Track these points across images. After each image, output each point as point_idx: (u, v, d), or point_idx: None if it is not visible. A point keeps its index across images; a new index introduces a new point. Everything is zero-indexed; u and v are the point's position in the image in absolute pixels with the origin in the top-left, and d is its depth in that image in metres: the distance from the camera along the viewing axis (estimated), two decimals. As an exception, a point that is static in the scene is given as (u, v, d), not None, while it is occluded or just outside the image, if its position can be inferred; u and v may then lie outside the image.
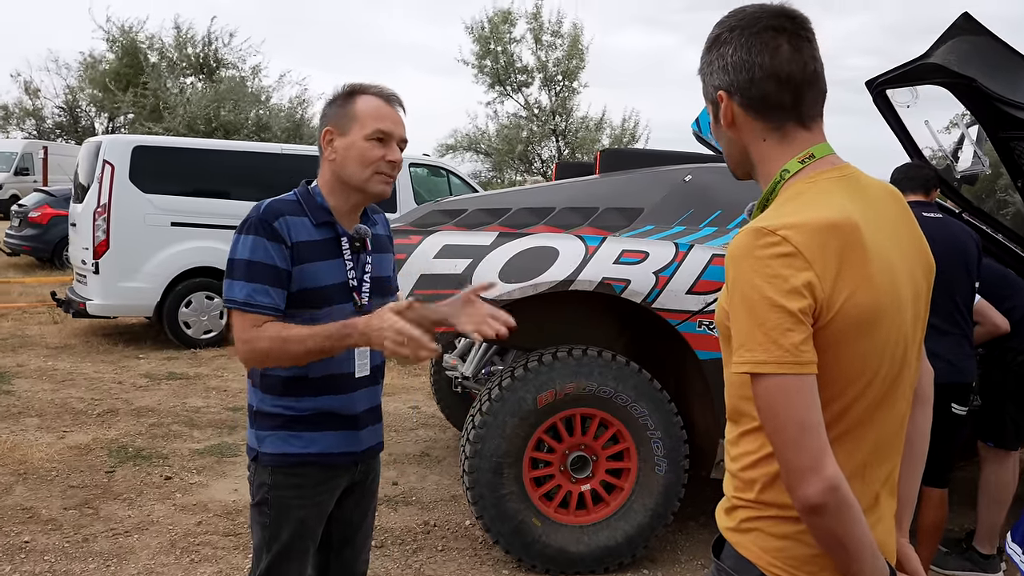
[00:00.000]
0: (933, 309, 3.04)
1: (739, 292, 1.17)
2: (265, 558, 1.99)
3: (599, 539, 3.45)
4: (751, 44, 1.25)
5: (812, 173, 1.26)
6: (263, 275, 1.84)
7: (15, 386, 6.14)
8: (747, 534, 1.29)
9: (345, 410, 1.99)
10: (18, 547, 3.50)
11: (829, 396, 1.18)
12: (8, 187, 21.76)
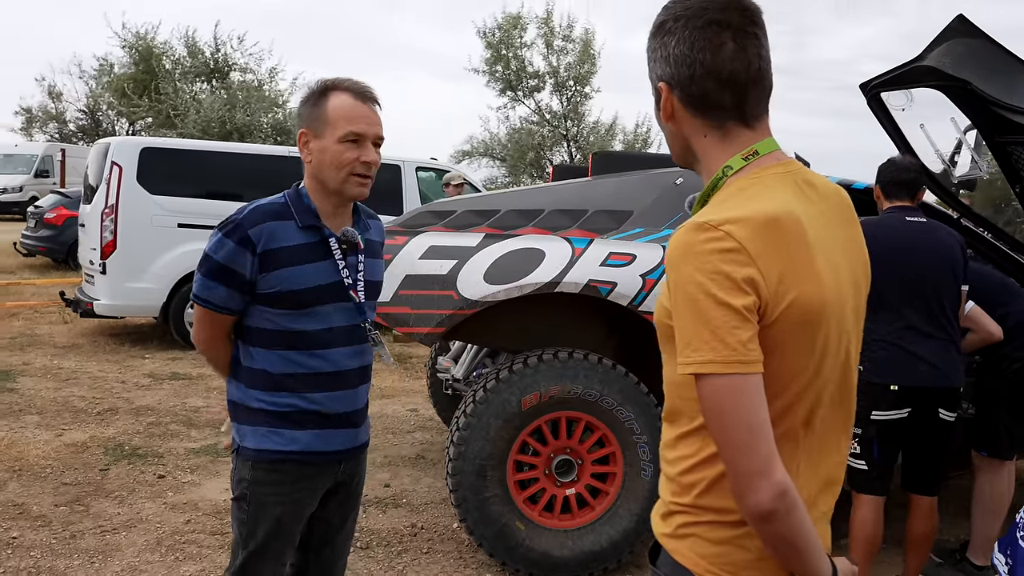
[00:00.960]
0: (918, 312, 3.01)
1: (681, 290, 1.13)
2: (241, 555, 2.00)
3: (584, 544, 3.42)
4: (694, 38, 1.20)
5: (756, 169, 1.22)
6: (220, 275, 1.90)
7: (19, 384, 6.20)
8: (684, 540, 1.25)
9: (329, 409, 1.99)
10: (5, 543, 3.52)
11: (772, 394, 1.14)
12: (28, 189, 22.07)
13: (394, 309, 3.38)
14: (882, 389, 3.03)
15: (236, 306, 1.94)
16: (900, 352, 3.04)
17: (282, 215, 1.94)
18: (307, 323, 1.94)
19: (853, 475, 3.15)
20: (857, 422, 3.11)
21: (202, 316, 1.97)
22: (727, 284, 1.10)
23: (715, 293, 1.10)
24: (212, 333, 2.00)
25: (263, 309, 1.94)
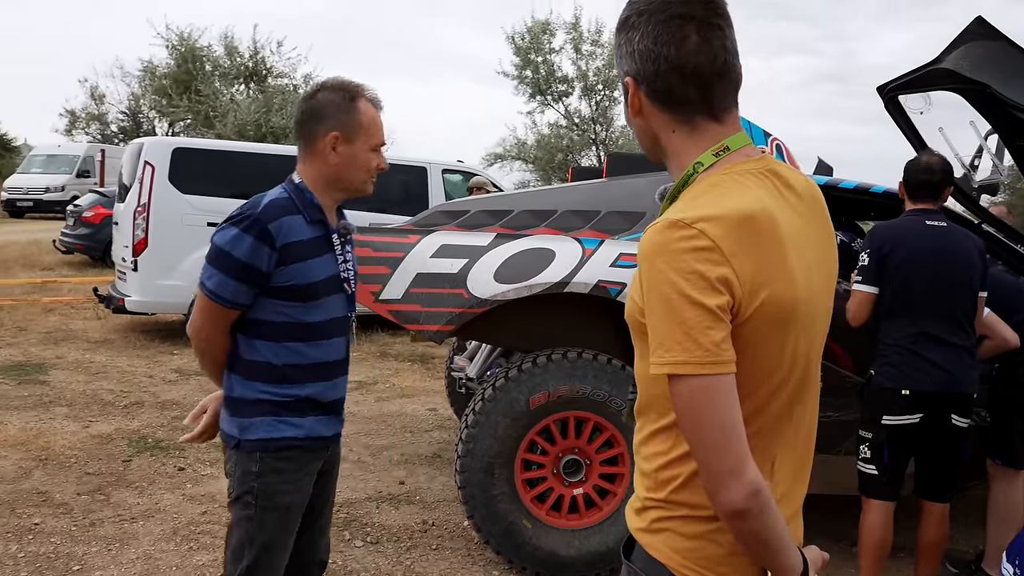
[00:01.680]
0: (934, 318, 2.98)
1: (655, 290, 1.11)
2: (248, 555, 2.00)
3: (591, 544, 3.43)
4: (658, 32, 1.19)
5: (727, 165, 1.21)
6: (238, 271, 1.92)
7: (51, 377, 6.37)
8: (658, 535, 1.25)
9: (326, 396, 2.07)
10: (28, 528, 3.63)
11: (745, 392, 1.14)
12: (70, 189, 22.60)
13: (405, 307, 3.43)
14: (893, 394, 3.00)
15: (247, 301, 1.96)
16: (913, 357, 3.00)
17: (291, 210, 1.98)
18: (315, 315, 2.01)
19: (863, 479, 3.12)
20: (867, 426, 3.09)
21: (210, 310, 1.98)
22: (701, 283, 1.09)
23: (689, 293, 1.09)
24: (217, 327, 2.00)
25: (274, 302, 1.97)
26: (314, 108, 2.03)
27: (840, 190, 3.93)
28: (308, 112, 2.04)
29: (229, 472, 2.05)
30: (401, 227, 3.68)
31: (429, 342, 8.24)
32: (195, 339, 2.03)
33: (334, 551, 3.58)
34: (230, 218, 1.96)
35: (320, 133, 2.01)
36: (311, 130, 2.03)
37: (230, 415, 2.03)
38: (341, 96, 2.02)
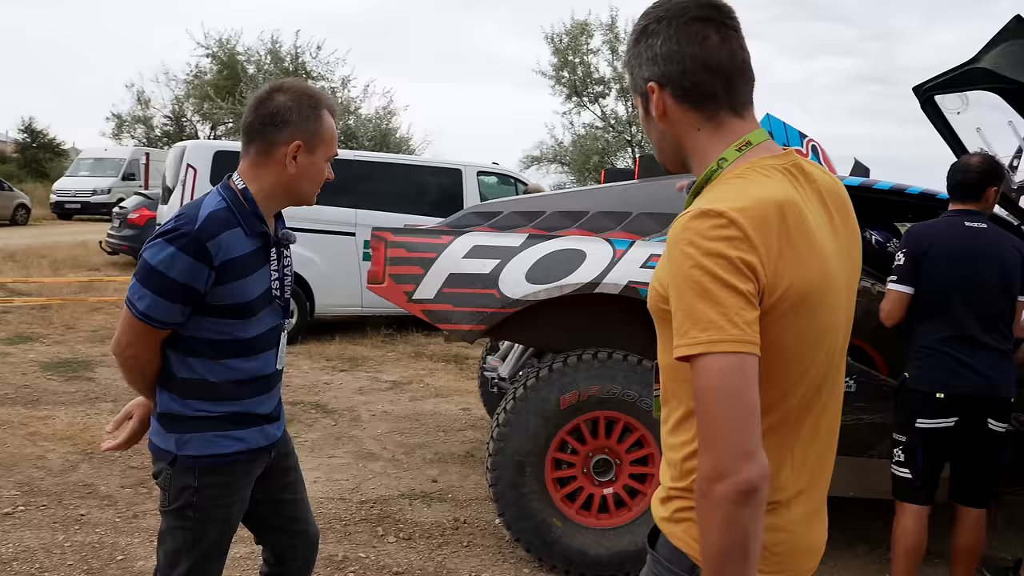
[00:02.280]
0: (971, 320, 2.94)
1: (686, 275, 1.13)
2: (185, 562, 1.95)
3: (621, 543, 3.44)
4: (680, 35, 1.25)
5: (751, 159, 1.25)
6: (173, 293, 1.82)
7: (97, 373, 6.56)
8: (679, 524, 1.28)
9: (265, 408, 2.02)
10: (74, 519, 3.75)
11: (768, 382, 1.15)
12: (116, 191, 23.17)
13: (437, 306, 3.48)
14: (927, 397, 2.97)
15: (181, 320, 1.87)
16: (949, 360, 2.97)
17: (230, 223, 1.87)
18: (252, 329, 1.95)
19: (897, 483, 3.10)
20: (901, 429, 3.06)
21: (139, 330, 1.86)
22: (732, 268, 1.11)
23: (722, 276, 1.11)
24: (145, 348, 1.89)
25: (210, 320, 1.89)
26: (275, 113, 1.91)
27: (875, 191, 3.89)
28: (267, 116, 1.91)
29: (162, 484, 1.96)
30: (434, 228, 3.74)
31: (463, 342, 8.29)
32: (120, 358, 1.91)
33: (366, 546, 3.66)
34: (164, 232, 1.83)
35: (281, 140, 1.90)
36: (270, 136, 1.91)
37: (165, 431, 1.94)
38: (304, 103, 1.92)
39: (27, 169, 34.49)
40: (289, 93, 1.93)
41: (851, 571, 3.67)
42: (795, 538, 1.27)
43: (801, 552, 1.29)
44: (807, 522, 1.29)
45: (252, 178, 1.94)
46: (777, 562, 1.24)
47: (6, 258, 13.82)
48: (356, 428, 5.51)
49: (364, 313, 8.65)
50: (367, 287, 3.73)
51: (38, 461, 4.47)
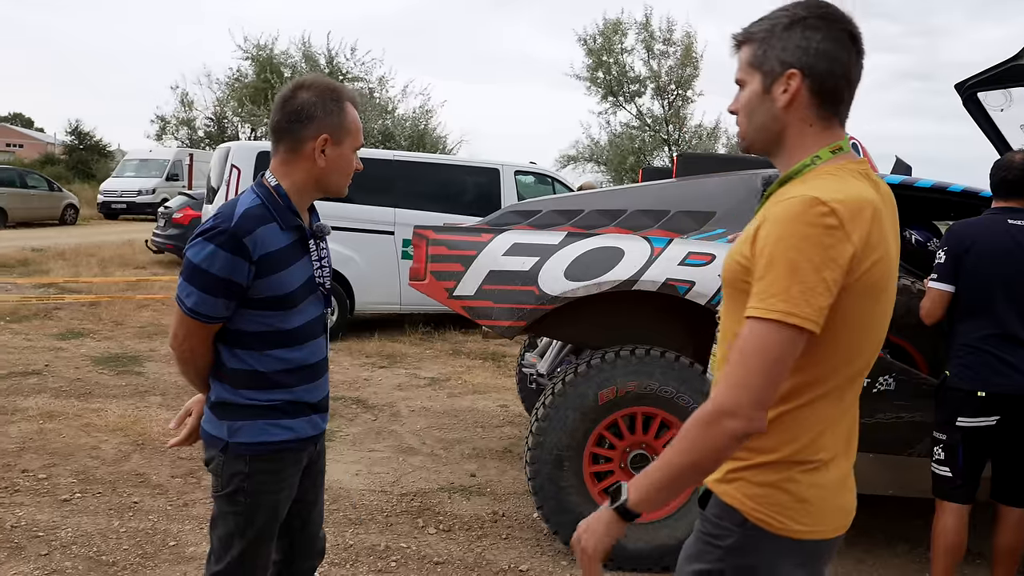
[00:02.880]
0: (1013, 318, 2.93)
1: (783, 250, 1.28)
2: (238, 544, 2.04)
3: (659, 537, 3.48)
4: (839, 41, 1.38)
5: (840, 162, 1.40)
6: (217, 288, 1.90)
7: (146, 368, 6.76)
8: (732, 483, 1.42)
9: (314, 397, 2.09)
10: (128, 506, 3.90)
11: (830, 351, 1.34)
12: (160, 192, 23.72)
13: (477, 303, 3.55)
14: (968, 395, 2.97)
15: (228, 313, 1.95)
16: (991, 358, 2.96)
17: (265, 218, 1.94)
18: (295, 320, 2.01)
19: (937, 481, 3.09)
20: (942, 428, 3.06)
21: (190, 326, 1.96)
22: (824, 255, 1.27)
23: (816, 260, 1.26)
24: (199, 342, 1.99)
25: (254, 312, 1.97)
26: (300, 110, 1.97)
27: (916, 189, 3.88)
28: (293, 114, 1.98)
29: (214, 470, 2.05)
30: (474, 226, 3.81)
31: (501, 340, 8.35)
32: (177, 352, 2.03)
33: (407, 537, 3.74)
34: (203, 231, 1.91)
35: (308, 135, 1.97)
36: (298, 132, 1.98)
37: (217, 419, 2.03)
38: (327, 97, 1.99)
39: (75, 170, 35.44)
40: (312, 89, 2.00)
41: (891, 570, 3.66)
42: (832, 496, 1.42)
43: (836, 510, 1.43)
44: (841, 485, 1.43)
45: (284, 174, 2.01)
46: (817, 516, 1.39)
47: (56, 257, 14.24)
48: (396, 423, 5.61)
49: (403, 311, 8.77)
50: (409, 284, 3.82)
51: (92, 451, 4.64)
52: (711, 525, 1.44)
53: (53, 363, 6.71)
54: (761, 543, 1.39)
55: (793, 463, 1.38)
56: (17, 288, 10.76)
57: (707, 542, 1.45)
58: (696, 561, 1.47)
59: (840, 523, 1.44)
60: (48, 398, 5.67)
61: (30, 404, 5.49)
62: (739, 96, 1.48)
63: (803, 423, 1.38)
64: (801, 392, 1.37)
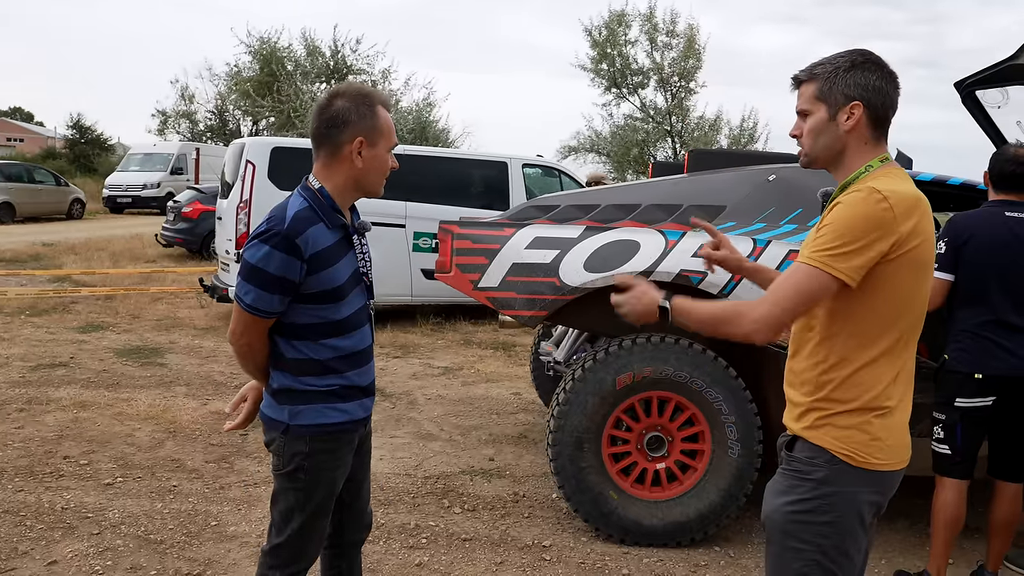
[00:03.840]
0: (1009, 306, 3.13)
1: (840, 220, 1.70)
2: (298, 518, 2.22)
3: (672, 515, 3.68)
4: (886, 80, 1.80)
5: (887, 169, 1.80)
6: (273, 285, 2.07)
7: (167, 360, 6.95)
8: (820, 429, 1.81)
9: (364, 380, 2.29)
10: (167, 489, 4.10)
11: (888, 304, 1.74)
12: (165, 185, 23.88)
13: (501, 294, 3.74)
14: (966, 377, 3.16)
15: (283, 308, 2.12)
16: (987, 343, 3.15)
17: (313, 219, 2.10)
18: (344, 311, 2.18)
19: (937, 459, 3.28)
20: (941, 408, 3.25)
21: (249, 322, 2.12)
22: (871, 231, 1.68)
23: (861, 230, 1.68)
24: (256, 336, 2.16)
25: (307, 306, 2.13)
26: (336, 116, 2.12)
27: (917, 182, 4.05)
28: (330, 120, 2.12)
29: (275, 450, 2.22)
30: (497, 221, 3.99)
31: (510, 330, 8.54)
32: (236, 345, 2.18)
33: (435, 516, 3.94)
34: (259, 234, 2.07)
35: (345, 140, 2.12)
36: (335, 138, 2.12)
37: (278, 404, 2.20)
38: (360, 103, 2.13)
39: (76, 164, 35.57)
40: (346, 97, 2.14)
41: (893, 544, 3.87)
42: (899, 435, 1.81)
43: (902, 446, 1.82)
44: (904, 426, 1.83)
45: (325, 177, 2.16)
46: (889, 452, 1.79)
47: (67, 251, 14.43)
48: (413, 411, 5.81)
49: (414, 302, 8.95)
50: (436, 276, 4.00)
51: (128, 438, 4.84)
52: (801, 464, 1.82)
53: (78, 355, 6.91)
54: (846, 475, 1.77)
55: (868, 410, 1.76)
56: (32, 282, 10.94)
57: (798, 477, 1.82)
58: (788, 494, 1.83)
59: (904, 457, 1.82)
60: (78, 389, 5.87)
61: (62, 394, 5.69)
62: (802, 123, 1.86)
63: (873, 378, 1.76)
64: (867, 350, 1.76)
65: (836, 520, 1.78)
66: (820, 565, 1.79)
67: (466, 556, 3.55)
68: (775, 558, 1.87)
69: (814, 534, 1.79)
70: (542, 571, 3.44)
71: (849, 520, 1.79)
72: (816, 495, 1.79)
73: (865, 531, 1.83)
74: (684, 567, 3.53)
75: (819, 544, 1.79)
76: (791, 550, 1.82)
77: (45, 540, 3.48)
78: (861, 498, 1.79)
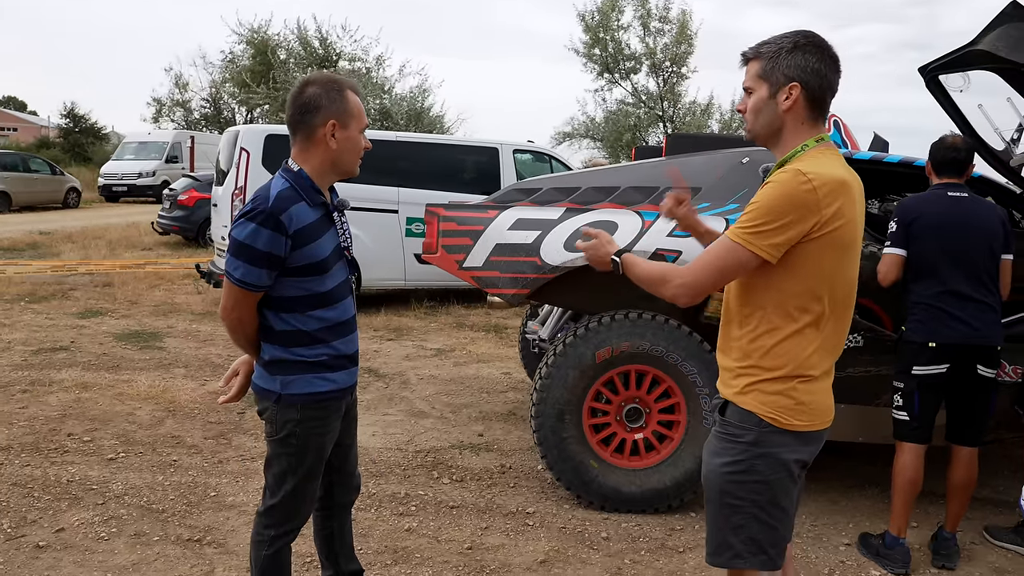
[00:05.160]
0: (959, 277, 3.35)
1: (765, 199, 1.84)
2: (291, 481, 2.38)
3: (650, 482, 3.87)
4: (826, 62, 1.90)
5: (822, 148, 1.92)
6: (261, 260, 2.21)
7: (166, 343, 7.12)
8: (748, 394, 1.96)
9: (349, 349, 2.45)
10: (168, 464, 4.28)
11: (811, 280, 1.88)
12: (160, 174, 23.98)
13: (485, 273, 3.91)
14: (921, 346, 3.35)
15: (270, 282, 2.26)
16: (940, 313, 3.35)
17: (295, 199, 2.24)
18: (328, 283, 2.34)
19: (896, 425, 3.47)
20: (900, 377, 3.45)
21: (240, 296, 2.26)
22: (793, 211, 1.80)
23: (782, 211, 1.80)
24: (246, 310, 2.30)
25: (293, 280, 2.28)
26: (308, 102, 2.26)
27: (886, 164, 4.23)
28: (303, 107, 2.27)
29: (268, 418, 2.38)
30: (481, 203, 4.16)
31: (502, 313, 8.71)
32: (228, 320, 2.32)
33: (424, 486, 4.13)
34: (245, 213, 2.21)
35: (318, 123, 2.26)
36: (308, 122, 2.27)
37: (270, 375, 2.34)
38: (330, 88, 2.27)
39: (71, 153, 35.55)
40: (316, 84, 2.30)
41: (862, 508, 4.06)
42: (822, 400, 1.97)
43: (825, 410, 1.98)
44: (827, 391, 1.99)
45: (303, 160, 2.31)
46: (811, 415, 1.94)
47: (64, 240, 14.56)
48: (406, 390, 5.99)
49: (407, 286, 9.12)
50: (422, 257, 4.17)
51: (129, 417, 5.01)
52: (733, 427, 1.97)
53: (78, 340, 7.08)
54: (774, 437, 1.93)
55: (792, 377, 1.91)
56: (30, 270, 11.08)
57: (729, 439, 1.98)
58: (722, 455, 1.99)
59: (828, 418, 1.99)
60: (79, 371, 6.04)
61: (64, 376, 5.86)
62: (746, 99, 1.97)
63: (798, 348, 1.91)
64: (792, 322, 1.90)
65: (767, 478, 1.95)
66: (756, 518, 1.97)
67: (453, 522, 3.73)
68: (714, 515, 2.03)
69: (748, 491, 1.96)
70: (525, 535, 3.62)
71: (779, 477, 1.95)
72: (747, 456, 1.94)
73: (795, 484, 2.01)
74: (661, 531, 3.71)
75: (753, 500, 1.96)
76: (728, 507, 1.99)
77: (52, 510, 3.66)
78: (788, 457, 1.95)
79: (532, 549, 3.48)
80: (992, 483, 4.34)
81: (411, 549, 3.44)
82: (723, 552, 2.01)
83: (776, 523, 1.98)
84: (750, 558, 1.98)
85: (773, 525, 1.98)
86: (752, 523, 1.97)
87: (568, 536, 3.64)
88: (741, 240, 1.84)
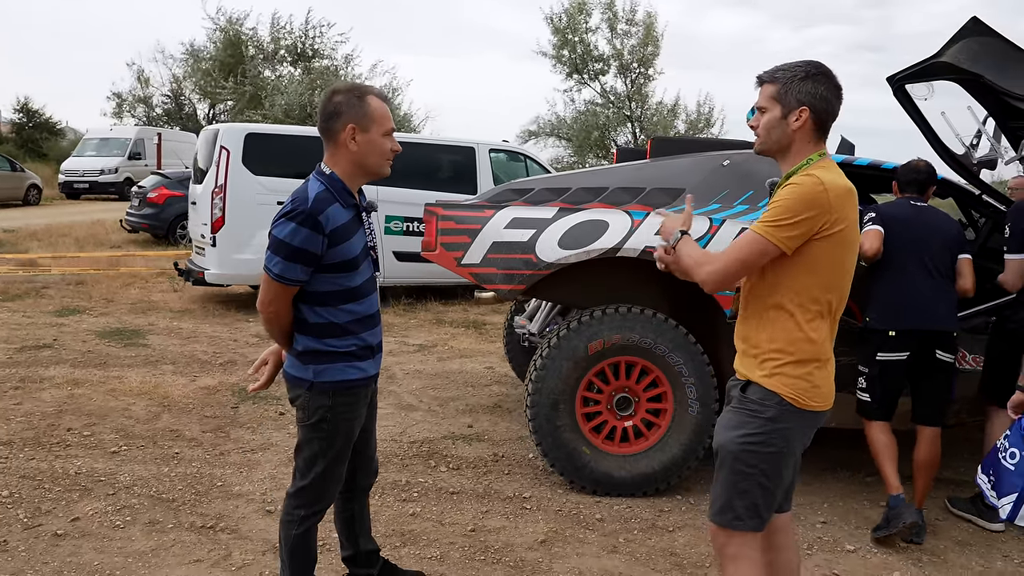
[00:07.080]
0: (917, 272, 3.71)
1: (785, 199, 2.10)
2: (320, 463, 2.55)
3: (639, 467, 4.09)
4: (831, 90, 2.17)
5: (825, 162, 2.19)
6: (299, 257, 2.38)
7: (150, 341, 7.17)
8: (773, 377, 2.21)
9: (375, 340, 2.63)
10: (170, 456, 4.39)
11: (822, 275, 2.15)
12: (123, 171, 23.63)
13: (483, 270, 4.10)
14: (883, 335, 3.70)
15: (306, 278, 2.42)
16: (900, 303, 3.69)
17: (331, 200, 2.40)
18: (357, 279, 2.51)
19: (860, 405, 3.85)
20: (864, 363, 3.79)
21: (277, 290, 2.43)
22: (809, 211, 2.08)
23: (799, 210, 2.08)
24: (282, 304, 2.46)
25: (327, 276, 2.44)
26: (332, 109, 2.43)
27: (855, 167, 4.50)
28: (327, 115, 2.44)
29: (300, 405, 2.54)
30: (478, 203, 4.34)
31: (479, 310, 8.90)
32: (265, 313, 2.48)
33: (423, 474, 4.30)
34: (285, 213, 2.37)
35: (339, 128, 2.42)
36: (332, 127, 2.43)
37: (303, 364, 2.51)
38: (352, 95, 2.43)
39: (24, 149, 34.70)
40: (341, 92, 2.47)
41: (835, 490, 4.34)
42: (830, 383, 2.24)
43: (831, 393, 2.25)
44: (831, 376, 2.26)
45: (333, 164, 2.48)
46: (824, 397, 2.21)
47: (30, 237, 14.37)
48: (393, 384, 6.14)
49: (385, 283, 9.24)
50: (421, 255, 4.33)
51: (125, 412, 5.10)
52: (753, 403, 2.22)
53: (60, 338, 7.09)
54: (790, 415, 2.19)
55: (810, 362, 2.17)
56: (0, 268, 10.96)
57: (749, 414, 2.22)
58: (741, 428, 2.23)
59: (831, 401, 2.25)
60: (68, 368, 6.08)
61: (53, 373, 5.90)
62: (760, 117, 2.23)
63: (814, 335, 2.16)
64: (809, 311, 2.16)
65: (780, 451, 2.22)
66: (760, 484, 2.24)
67: (455, 507, 3.91)
68: (725, 479, 2.28)
69: (760, 460, 2.22)
70: (524, 518, 3.82)
71: (789, 450, 2.24)
72: (765, 430, 2.20)
73: (795, 456, 2.31)
74: (650, 512, 3.94)
75: (762, 468, 2.22)
76: (739, 473, 2.24)
77: (65, 500, 3.76)
78: (798, 433, 2.23)
79: (532, 530, 3.68)
80: (954, 464, 4.65)
81: (417, 532, 3.62)
82: (726, 512, 2.27)
83: (776, 490, 2.26)
84: (748, 521, 2.25)
85: (773, 492, 2.26)
86: (756, 489, 2.24)
87: (564, 518, 3.84)
88: (763, 232, 2.10)
